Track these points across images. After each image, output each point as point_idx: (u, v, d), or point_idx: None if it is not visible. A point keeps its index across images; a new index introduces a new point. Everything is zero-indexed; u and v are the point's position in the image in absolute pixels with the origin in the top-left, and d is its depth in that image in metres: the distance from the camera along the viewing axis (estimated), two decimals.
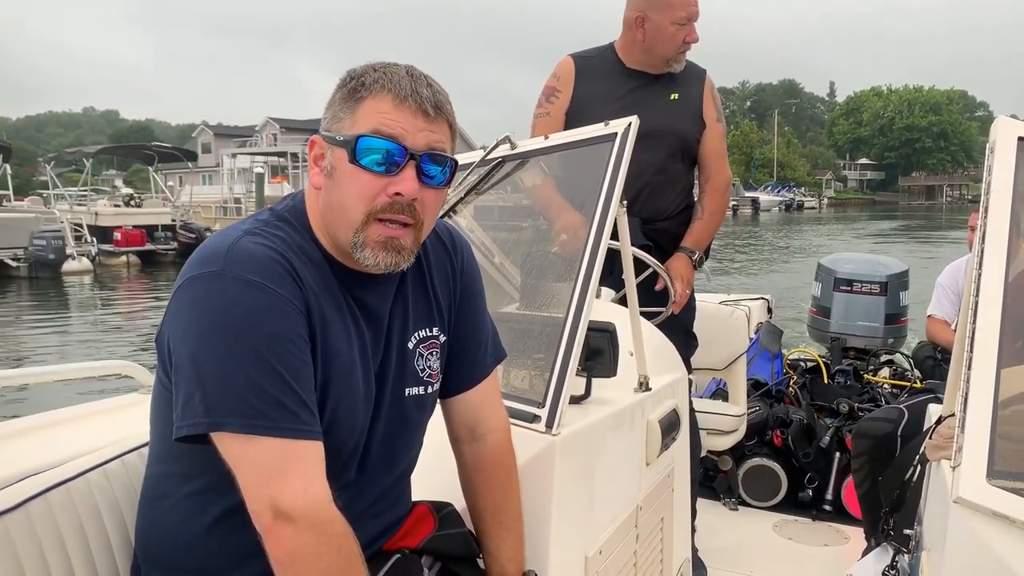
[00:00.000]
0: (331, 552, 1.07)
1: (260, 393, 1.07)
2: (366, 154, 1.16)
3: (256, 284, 1.10)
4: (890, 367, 4.69)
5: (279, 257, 1.15)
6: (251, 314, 1.09)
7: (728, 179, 2.94)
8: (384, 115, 1.16)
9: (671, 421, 2.07)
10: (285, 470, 1.07)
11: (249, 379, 1.07)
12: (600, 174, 1.84)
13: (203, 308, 1.10)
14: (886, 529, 2.25)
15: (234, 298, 1.09)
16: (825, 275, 4.87)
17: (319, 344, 1.17)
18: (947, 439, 1.58)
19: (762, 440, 3.83)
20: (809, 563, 3.23)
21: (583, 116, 2.68)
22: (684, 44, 2.77)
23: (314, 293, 1.18)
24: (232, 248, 1.13)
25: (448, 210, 2.28)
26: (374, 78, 1.18)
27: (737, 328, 3.42)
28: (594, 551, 1.68)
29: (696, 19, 2.76)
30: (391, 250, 1.19)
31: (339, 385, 1.20)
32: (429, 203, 1.22)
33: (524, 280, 2.16)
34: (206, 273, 1.11)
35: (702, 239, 2.84)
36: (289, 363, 1.10)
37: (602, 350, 1.75)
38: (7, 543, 1.21)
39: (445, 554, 1.41)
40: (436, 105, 1.19)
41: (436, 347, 1.38)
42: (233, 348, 1.08)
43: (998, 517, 1.23)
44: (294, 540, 1.06)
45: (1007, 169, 1.58)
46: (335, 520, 1.09)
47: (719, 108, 2.92)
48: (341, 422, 1.21)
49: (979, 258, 1.49)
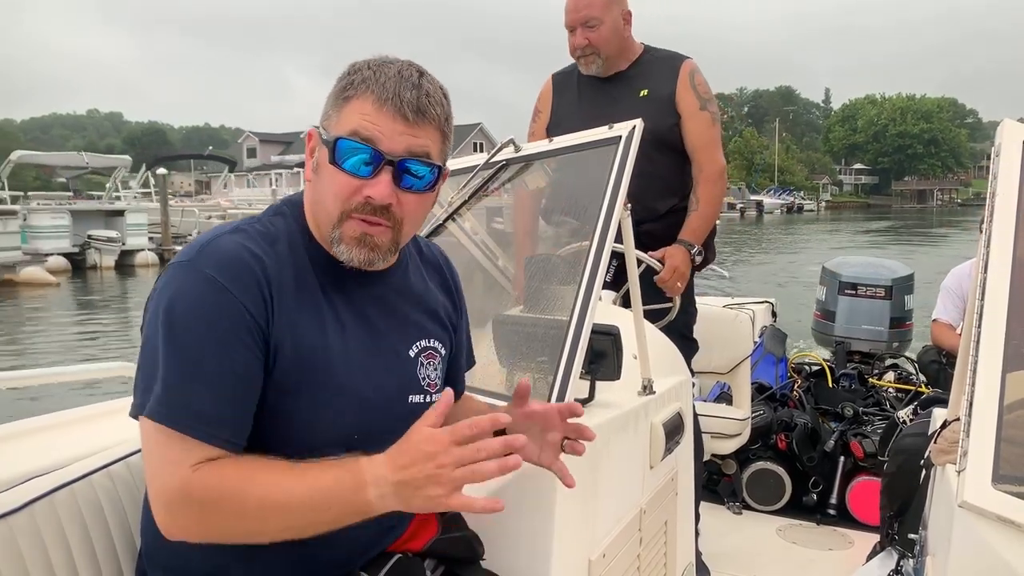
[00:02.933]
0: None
1: (176, 388, 1.10)
2: (344, 156, 1.17)
3: (213, 281, 1.12)
4: (895, 371, 4.68)
5: (253, 260, 1.16)
6: (195, 310, 1.12)
7: (721, 167, 2.87)
8: (364, 117, 1.17)
9: (675, 424, 2.07)
10: (177, 462, 1.10)
11: (173, 370, 1.10)
12: (603, 177, 1.84)
13: (161, 293, 1.14)
14: (891, 533, 2.24)
15: (187, 291, 1.13)
16: (830, 279, 4.86)
17: (289, 343, 1.17)
18: (952, 443, 1.57)
19: (766, 444, 3.82)
20: (813, 567, 3.22)
21: (556, 129, 2.74)
22: (576, 50, 2.85)
23: (290, 293, 1.19)
24: (210, 243, 1.17)
25: (452, 212, 2.28)
26: (363, 76, 1.19)
27: (741, 332, 3.41)
28: (597, 554, 1.68)
29: (579, 25, 2.81)
30: (365, 246, 1.20)
31: (319, 380, 1.20)
32: (409, 207, 1.22)
33: (528, 283, 2.16)
34: (179, 261, 1.16)
35: (699, 231, 2.80)
36: (219, 365, 1.11)
37: (606, 353, 1.75)
38: (12, 544, 1.21)
39: (449, 557, 1.41)
40: (418, 109, 1.18)
41: (436, 358, 1.39)
42: (171, 338, 1.11)
43: (1003, 521, 1.22)
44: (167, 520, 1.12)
45: (1012, 173, 1.57)
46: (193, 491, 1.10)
47: (703, 96, 2.85)
48: (326, 416, 1.21)
49: (984, 262, 1.48)
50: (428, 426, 1.07)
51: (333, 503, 1.08)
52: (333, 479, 1.08)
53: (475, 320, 2.08)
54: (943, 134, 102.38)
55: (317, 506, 1.08)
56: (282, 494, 1.08)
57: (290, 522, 1.09)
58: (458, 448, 1.05)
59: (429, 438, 1.05)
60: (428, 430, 1.07)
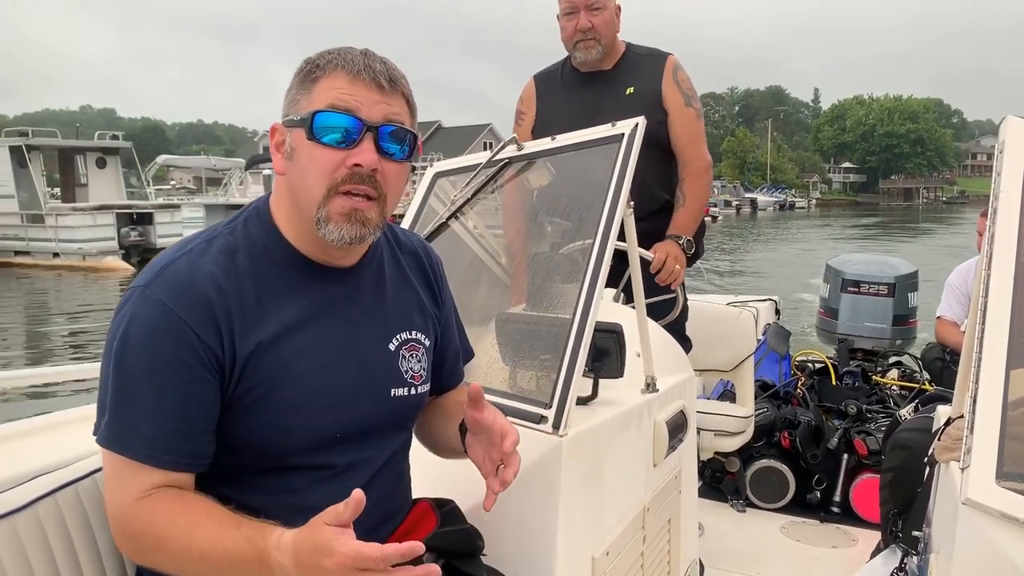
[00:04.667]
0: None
1: (127, 415, 1.13)
2: (324, 131, 1.18)
3: (163, 308, 1.14)
4: (898, 368, 4.68)
5: (208, 282, 1.17)
6: (145, 335, 1.13)
7: (707, 162, 2.89)
8: (339, 90, 1.18)
9: (678, 422, 2.06)
10: (124, 484, 1.13)
11: (118, 398, 1.13)
12: (605, 175, 1.84)
13: (115, 318, 1.17)
14: (895, 531, 2.24)
15: (139, 317, 1.14)
16: (833, 276, 4.85)
17: (253, 357, 1.18)
18: (956, 440, 1.57)
19: (770, 442, 3.82)
20: (817, 565, 3.22)
21: (544, 129, 2.75)
22: (577, 33, 2.82)
23: (252, 305, 1.20)
24: (167, 267, 1.18)
25: (455, 211, 2.28)
26: (328, 59, 1.20)
27: (745, 329, 3.41)
28: (601, 552, 1.68)
29: (582, 7, 2.79)
30: (355, 222, 1.20)
31: (304, 380, 1.21)
32: (390, 176, 1.22)
33: (531, 281, 2.16)
34: (137, 285, 1.17)
35: (687, 226, 2.81)
36: (163, 387, 1.13)
37: (609, 351, 1.75)
38: (16, 542, 1.21)
39: (448, 551, 1.41)
40: (391, 79, 1.20)
41: (419, 350, 1.39)
42: (118, 362, 1.13)
43: (1007, 518, 1.22)
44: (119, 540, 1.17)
45: (1017, 170, 1.57)
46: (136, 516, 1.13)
47: (687, 92, 2.86)
48: (309, 414, 1.22)
49: (988, 259, 1.48)
50: (335, 525, 0.99)
51: (238, 571, 1.07)
52: (240, 548, 1.06)
53: (478, 318, 2.09)
54: (929, 134, 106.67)
55: (223, 568, 1.08)
56: (196, 546, 1.09)
57: (201, 571, 1.10)
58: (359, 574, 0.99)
59: (331, 551, 0.98)
60: (332, 540, 0.98)
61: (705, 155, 2.90)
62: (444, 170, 2.38)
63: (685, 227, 2.80)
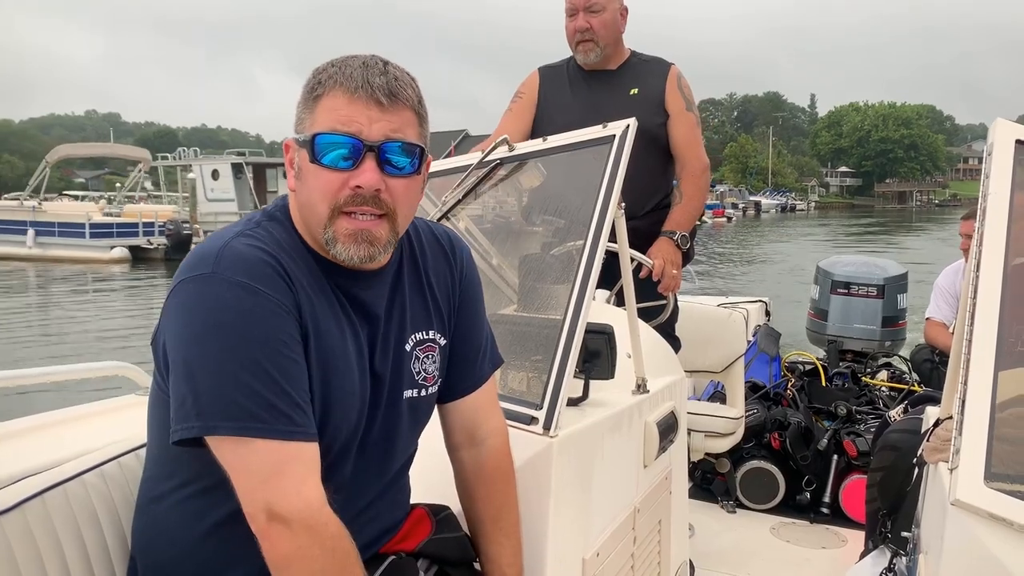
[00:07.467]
0: (325, 554, 1.07)
1: (252, 395, 1.07)
2: (324, 151, 1.17)
3: (245, 286, 1.11)
4: (888, 370, 4.69)
5: (269, 258, 1.15)
6: (241, 316, 1.09)
7: (704, 164, 2.97)
8: (337, 111, 1.16)
9: (669, 423, 2.07)
10: (278, 473, 1.07)
11: (240, 382, 1.07)
12: (596, 176, 1.84)
13: (194, 311, 1.11)
14: (884, 532, 2.25)
15: (224, 301, 1.10)
16: (823, 278, 4.87)
17: (312, 343, 1.17)
18: (945, 441, 1.58)
19: (760, 443, 3.83)
20: (807, 566, 3.23)
21: (546, 123, 2.85)
22: (577, 34, 2.88)
23: (305, 292, 1.18)
24: (223, 250, 1.14)
25: (446, 212, 2.28)
26: (329, 74, 1.18)
27: (735, 330, 3.41)
28: (591, 553, 1.68)
29: (582, 8, 2.85)
30: (362, 242, 1.19)
31: (334, 383, 1.20)
32: (399, 192, 1.20)
33: (522, 282, 2.16)
34: (197, 276, 1.12)
35: (682, 222, 2.87)
36: (280, 364, 1.10)
37: (600, 352, 1.75)
38: (3, 544, 1.20)
39: (442, 558, 1.40)
40: (390, 93, 1.17)
41: (434, 350, 1.38)
42: (224, 351, 1.08)
43: (995, 519, 1.23)
44: (289, 543, 1.06)
45: (1005, 173, 1.57)
46: (329, 522, 1.09)
47: (688, 99, 2.95)
48: (335, 421, 1.20)
49: (976, 261, 1.49)
50: None
51: None
52: None
53: None
54: (922, 140, 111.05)
55: None
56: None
57: None
58: None
59: None
60: None
61: (704, 158, 2.98)
62: (435, 171, 2.38)
63: (680, 224, 2.86)
